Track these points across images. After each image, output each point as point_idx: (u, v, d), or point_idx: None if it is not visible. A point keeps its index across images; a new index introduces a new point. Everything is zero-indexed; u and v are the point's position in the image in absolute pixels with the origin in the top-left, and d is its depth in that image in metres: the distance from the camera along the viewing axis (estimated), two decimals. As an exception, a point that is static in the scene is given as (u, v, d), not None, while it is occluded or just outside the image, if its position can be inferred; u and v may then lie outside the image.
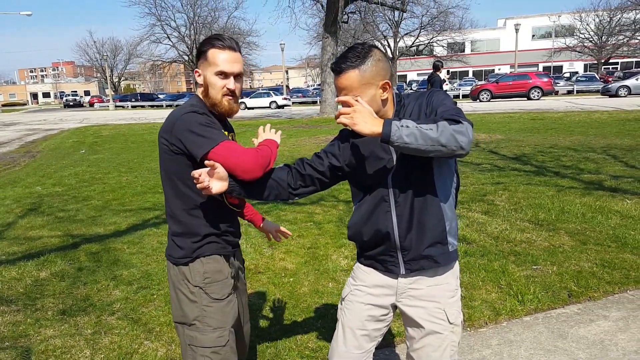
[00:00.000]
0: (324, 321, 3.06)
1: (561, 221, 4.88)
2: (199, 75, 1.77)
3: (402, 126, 1.43)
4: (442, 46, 38.28)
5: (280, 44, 37.98)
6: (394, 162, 1.65)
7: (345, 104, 1.51)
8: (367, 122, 1.46)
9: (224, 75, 1.72)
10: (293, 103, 37.68)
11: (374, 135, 1.46)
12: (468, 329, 3.03)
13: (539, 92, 26.84)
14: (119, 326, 3.07)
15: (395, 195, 1.65)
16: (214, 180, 1.62)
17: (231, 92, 1.75)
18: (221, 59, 1.71)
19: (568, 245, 4.25)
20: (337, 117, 1.50)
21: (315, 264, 4.02)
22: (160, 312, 3.24)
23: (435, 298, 1.71)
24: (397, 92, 1.76)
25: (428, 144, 1.43)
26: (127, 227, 5.21)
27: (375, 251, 1.73)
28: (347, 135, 1.78)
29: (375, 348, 2.80)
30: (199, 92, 1.81)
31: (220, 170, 1.62)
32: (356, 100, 1.52)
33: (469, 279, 3.66)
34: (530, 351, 2.78)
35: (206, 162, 1.57)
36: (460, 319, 1.74)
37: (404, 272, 1.69)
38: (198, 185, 1.56)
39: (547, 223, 4.84)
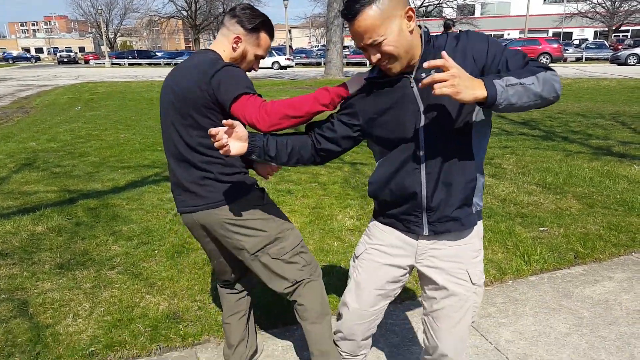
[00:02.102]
0: (329, 278, 3.02)
1: (569, 185, 4.80)
2: (239, 42, 1.81)
3: (506, 85, 1.24)
4: (452, 7, 37.21)
5: (284, 1, 36.80)
6: (422, 115, 1.46)
7: (441, 68, 1.21)
8: (469, 87, 1.21)
9: (260, 57, 1.89)
10: (296, 64, 36.95)
11: (477, 101, 1.23)
12: (473, 288, 3.00)
13: (547, 59, 26.31)
14: (119, 280, 3.02)
15: (426, 152, 1.47)
16: (232, 140, 1.50)
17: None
18: (266, 45, 1.88)
19: (575, 208, 4.19)
20: (424, 85, 1.22)
21: (320, 224, 3.96)
22: (161, 267, 3.19)
23: (457, 258, 1.59)
24: (426, 29, 1.53)
25: (531, 100, 1.29)
26: (125, 184, 5.12)
27: (398, 210, 1.58)
28: (365, 89, 1.55)
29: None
30: (223, 50, 1.82)
31: (240, 129, 1.49)
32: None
33: (474, 239, 3.61)
34: (535, 309, 2.75)
35: (224, 121, 1.47)
36: (482, 280, 1.62)
37: (427, 234, 1.56)
38: (216, 144, 1.44)
39: (555, 186, 4.77)
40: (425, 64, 1.22)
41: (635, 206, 4.18)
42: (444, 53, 1.22)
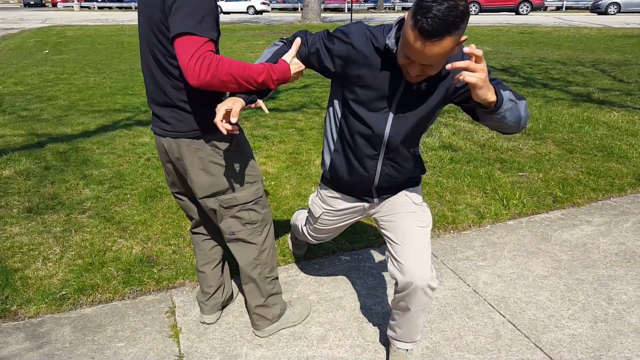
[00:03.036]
0: (307, 222, 2.97)
1: (548, 130, 4.79)
2: None
3: (508, 99, 1.35)
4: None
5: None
6: (394, 109, 1.57)
7: (476, 59, 1.25)
8: (488, 88, 1.29)
9: None
10: (272, 9, 35.54)
11: (486, 102, 1.31)
12: (452, 231, 3.00)
13: (528, 7, 25.84)
14: (90, 224, 2.92)
15: (387, 144, 1.62)
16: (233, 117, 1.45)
17: None
18: None
19: (555, 154, 4.19)
20: (456, 67, 1.23)
21: (298, 169, 3.87)
22: (134, 211, 3.09)
23: (401, 195, 1.82)
24: None
25: (513, 121, 1.40)
26: (96, 128, 4.90)
27: (351, 187, 1.79)
28: (359, 51, 1.51)
29: (357, 247, 2.76)
30: None
31: (235, 106, 1.44)
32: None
33: (454, 184, 3.59)
34: (514, 252, 2.77)
35: (221, 119, 1.41)
36: (425, 204, 1.83)
37: (376, 202, 1.81)
38: (232, 131, 1.44)
39: (535, 132, 4.75)
40: (467, 49, 1.22)
41: (614, 152, 4.20)
42: (473, 47, 1.23)
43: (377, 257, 2.70)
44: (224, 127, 1.40)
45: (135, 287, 2.36)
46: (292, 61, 1.58)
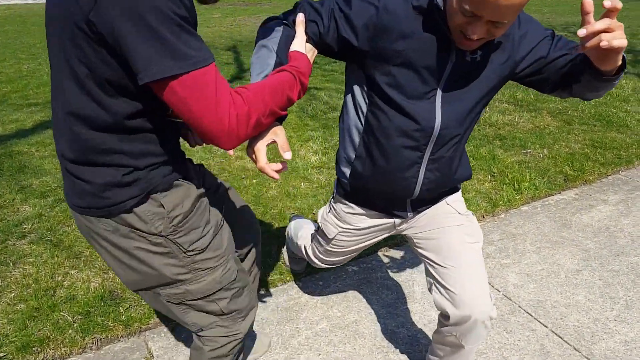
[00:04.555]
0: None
1: (541, 101, 4.51)
2: None
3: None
4: None
5: None
6: (442, 92, 1.16)
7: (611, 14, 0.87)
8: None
9: None
10: (219, -18, 34.00)
11: (614, 67, 0.99)
12: (464, 225, 2.65)
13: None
14: (33, 252, 2.35)
15: (437, 140, 1.21)
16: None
17: None
18: None
19: (553, 126, 3.91)
20: (593, 31, 0.86)
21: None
22: (88, 229, 2.54)
23: (439, 206, 1.43)
24: None
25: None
26: (33, 125, 4.21)
27: (380, 201, 1.38)
28: (394, 15, 1.10)
29: (364, 255, 2.36)
30: None
31: (266, 141, 1.04)
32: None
33: (455, 167, 3.23)
34: (537, 244, 2.46)
35: (274, 167, 1.00)
36: (470, 213, 1.46)
37: (410, 216, 1.41)
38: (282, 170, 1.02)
39: (527, 103, 4.46)
40: (607, 3, 0.85)
41: (613, 120, 3.97)
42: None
43: (388, 264, 2.31)
44: (274, 171, 0.99)
45: (98, 335, 1.85)
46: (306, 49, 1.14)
